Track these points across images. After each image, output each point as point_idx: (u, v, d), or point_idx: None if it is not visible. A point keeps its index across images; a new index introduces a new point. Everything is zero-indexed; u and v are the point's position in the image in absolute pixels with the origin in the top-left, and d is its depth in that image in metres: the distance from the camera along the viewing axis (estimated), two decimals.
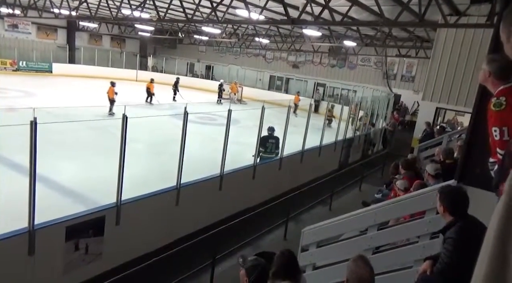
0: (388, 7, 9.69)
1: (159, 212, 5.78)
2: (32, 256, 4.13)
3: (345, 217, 4.04)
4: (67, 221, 4.41)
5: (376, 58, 21.38)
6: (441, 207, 2.49)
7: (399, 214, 3.79)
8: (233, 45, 26.47)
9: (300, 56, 24.93)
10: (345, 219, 4.02)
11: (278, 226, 7.10)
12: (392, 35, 16.56)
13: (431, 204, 3.32)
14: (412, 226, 3.42)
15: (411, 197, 3.67)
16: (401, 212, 3.74)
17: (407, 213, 3.76)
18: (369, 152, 13.92)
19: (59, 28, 26.12)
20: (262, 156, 8.03)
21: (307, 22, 11.06)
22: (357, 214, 3.97)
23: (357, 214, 3.99)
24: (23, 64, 23.26)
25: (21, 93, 16.12)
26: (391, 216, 3.88)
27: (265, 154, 8.05)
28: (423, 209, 3.47)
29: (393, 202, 3.83)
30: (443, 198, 2.48)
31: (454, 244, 2.30)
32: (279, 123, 8.71)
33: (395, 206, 3.70)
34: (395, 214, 3.81)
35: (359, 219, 3.91)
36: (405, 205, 3.60)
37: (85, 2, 14.78)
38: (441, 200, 2.49)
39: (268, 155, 8.06)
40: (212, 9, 11.31)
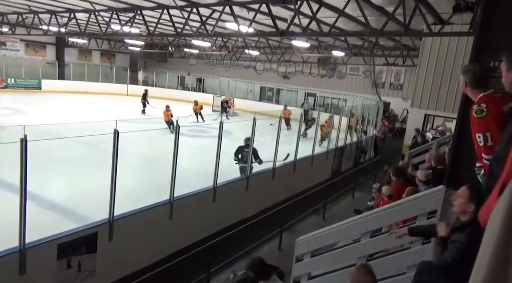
0: (374, 17, 9.90)
1: (152, 226, 5.73)
2: (23, 275, 4.06)
3: (338, 225, 4.06)
4: (58, 239, 4.36)
5: (365, 67, 21.72)
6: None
7: (391, 220, 3.83)
8: (224, 58, 26.68)
9: (290, 66, 25.21)
10: (339, 228, 4.04)
11: (273, 236, 7.08)
12: (379, 45, 16.87)
13: (423, 210, 3.38)
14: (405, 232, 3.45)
15: (403, 203, 3.72)
16: (393, 219, 3.78)
17: (399, 219, 3.80)
18: (361, 160, 14.03)
19: (48, 44, 26.07)
20: (239, 165, 8.19)
21: (296, 34, 11.26)
22: (350, 222, 4.00)
23: (350, 222, 4.02)
24: (12, 82, 23.08)
25: (10, 111, 15.96)
26: (384, 222, 3.91)
27: (240, 163, 8.17)
28: (414, 215, 3.52)
29: (385, 209, 3.87)
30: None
31: (461, 250, 2.17)
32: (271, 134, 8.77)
33: (387, 212, 3.74)
34: (387, 220, 3.85)
35: (352, 227, 3.94)
36: (397, 211, 3.64)
37: (74, 19, 14.85)
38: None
39: (243, 164, 8.17)
40: (201, 23, 11.44)
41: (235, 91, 26.18)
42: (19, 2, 13.71)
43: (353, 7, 8.80)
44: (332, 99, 23.16)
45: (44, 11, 14.97)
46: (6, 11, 16.24)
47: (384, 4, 9.07)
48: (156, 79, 29.74)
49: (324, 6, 9.17)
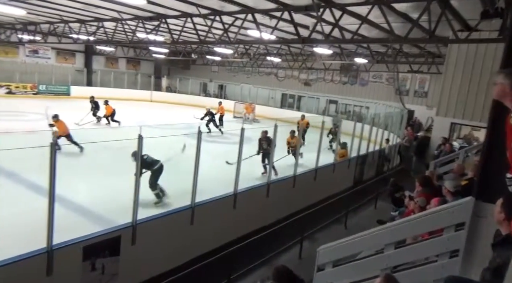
0: (398, 24, 9.77)
1: (174, 231, 5.80)
2: (50, 276, 4.18)
3: (361, 235, 3.98)
4: (84, 241, 4.47)
5: (388, 74, 21.37)
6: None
7: (416, 232, 3.72)
8: (245, 65, 26.89)
9: (312, 74, 25.12)
10: (361, 237, 3.96)
11: (293, 244, 7.02)
12: (403, 52, 16.58)
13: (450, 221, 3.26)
14: (431, 244, 3.35)
15: (429, 214, 3.61)
16: (419, 230, 3.67)
17: (425, 231, 3.68)
18: (384, 168, 13.75)
19: (77, 52, 27.08)
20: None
21: (318, 41, 11.22)
22: (373, 232, 3.91)
23: (373, 232, 3.93)
24: (43, 88, 24.07)
25: (41, 116, 16.58)
26: (409, 234, 3.80)
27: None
28: (441, 227, 3.40)
29: (411, 220, 3.76)
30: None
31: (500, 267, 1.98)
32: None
33: (412, 223, 3.64)
34: (412, 232, 3.73)
35: (375, 237, 3.85)
36: (422, 223, 3.53)
37: (102, 27, 15.39)
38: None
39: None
40: (224, 30, 11.61)
41: (257, 98, 26.30)
42: (52, 12, 14.32)
43: (376, 14, 8.72)
44: (354, 106, 22.89)
45: (74, 21, 15.58)
46: (39, 20, 17.01)
47: (409, 11, 8.93)
48: (179, 86, 30.29)
49: (346, 13, 9.12)
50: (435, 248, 3.25)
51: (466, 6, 8.40)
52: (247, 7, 10.11)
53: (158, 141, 6.94)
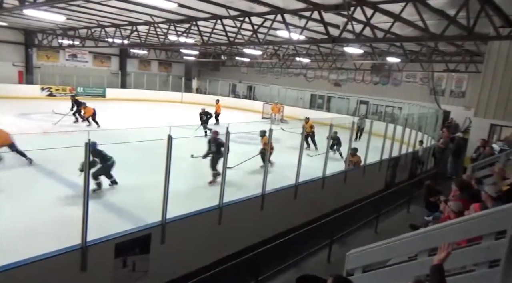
0: (434, 22, 9.39)
1: (202, 230, 5.86)
2: (84, 272, 4.34)
3: (392, 240, 3.84)
4: (116, 238, 4.61)
5: (422, 74, 20.61)
6: None
7: (453, 238, 3.53)
8: (274, 66, 26.87)
9: (342, 74, 24.70)
10: (393, 243, 3.82)
11: (322, 248, 6.89)
12: (439, 50, 15.93)
13: (490, 229, 3.08)
14: (468, 252, 3.17)
15: (468, 220, 3.42)
16: (455, 237, 3.49)
17: (462, 238, 3.50)
18: (417, 171, 13.27)
19: (113, 55, 28.16)
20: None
21: (348, 40, 11.01)
22: (406, 238, 3.77)
23: (406, 237, 3.78)
24: (81, 90, 25.20)
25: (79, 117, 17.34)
26: (444, 240, 3.62)
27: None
28: (480, 234, 3.22)
29: (447, 226, 3.58)
30: None
31: None
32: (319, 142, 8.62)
33: (448, 229, 3.46)
34: (448, 238, 3.55)
35: (408, 243, 3.70)
36: (459, 229, 3.35)
37: (136, 31, 15.89)
38: None
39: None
40: (253, 31, 11.64)
41: (285, 98, 26.20)
42: (89, 17, 14.97)
43: (410, 11, 8.43)
44: (386, 107, 22.28)
45: (110, 25, 16.20)
46: (78, 26, 17.84)
47: (445, 7, 8.56)
48: (209, 87, 30.74)
49: (379, 11, 8.87)
50: (473, 257, 3.07)
51: (508, 1, 7.93)
52: (277, 7, 10.08)
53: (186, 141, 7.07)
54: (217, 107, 18.49)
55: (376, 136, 10.68)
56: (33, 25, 20.04)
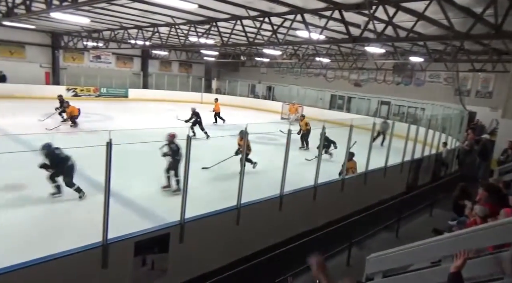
0: (459, 20, 9.09)
1: (220, 231, 5.87)
2: (105, 269, 4.42)
3: (414, 245, 3.73)
4: (136, 237, 4.67)
5: (446, 73, 20.03)
6: None
7: (479, 244, 3.39)
8: (294, 66, 26.74)
9: (363, 74, 24.33)
10: (415, 248, 3.71)
11: (341, 250, 6.79)
12: (464, 49, 15.41)
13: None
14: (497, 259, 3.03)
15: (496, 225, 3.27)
16: (482, 243, 3.35)
17: (489, 244, 3.35)
18: (441, 174, 12.89)
19: (135, 57, 28.76)
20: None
21: (370, 40, 10.82)
22: (428, 243, 3.65)
23: (428, 242, 3.66)
24: (104, 91, 25.90)
25: (101, 117, 17.82)
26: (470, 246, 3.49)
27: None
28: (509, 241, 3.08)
29: (473, 231, 3.45)
30: None
31: None
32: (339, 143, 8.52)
33: (475, 235, 3.33)
34: (474, 244, 3.42)
35: (431, 248, 3.59)
36: (487, 235, 3.21)
37: (157, 32, 16.16)
38: None
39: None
40: (273, 31, 11.61)
41: (305, 99, 26.04)
42: (112, 20, 15.33)
43: (434, 9, 8.19)
44: (409, 108, 21.78)
45: (133, 27, 16.54)
46: (101, 28, 18.30)
47: (471, 4, 8.26)
48: (229, 88, 30.91)
49: (401, 10, 8.67)
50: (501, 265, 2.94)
51: None
52: (297, 7, 10.01)
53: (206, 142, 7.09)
54: (216, 106, 18.31)
55: (398, 137, 10.44)
56: (59, 27, 20.69)
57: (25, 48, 23.30)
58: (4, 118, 14.67)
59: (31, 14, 11.20)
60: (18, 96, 21.19)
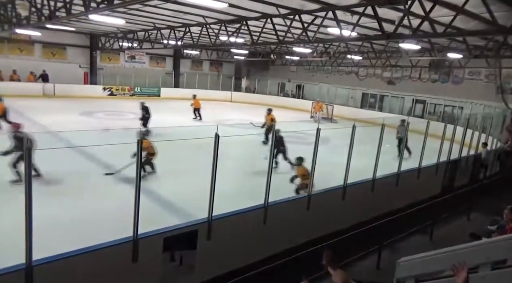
0: (502, 13, 8.56)
1: (247, 229, 5.88)
2: (135, 263, 4.54)
3: (449, 250, 3.54)
4: (165, 233, 4.77)
5: (488, 70, 18.97)
6: None
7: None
8: (324, 64, 26.35)
9: (396, 72, 23.55)
10: (450, 253, 3.53)
11: (371, 253, 6.61)
12: (508, 44, 14.53)
13: None
14: None
15: None
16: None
17: None
18: (480, 176, 12.25)
19: (167, 56, 29.48)
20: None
21: (404, 36, 10.41)
22: (465, 248, 3.46)
23: (465, 247, 3.47)
24: (138, 90, 26.72)
25: (135, 115, 18.37)
26: (510, 253, 3.27)
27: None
28: None
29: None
30: None
31: None
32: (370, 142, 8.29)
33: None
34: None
35: (467, 253, 3.39)
36: None
37: (189, 32, 16.44)
38: None
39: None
40: (303, 29, 11.47)
41: (335, 97, 25.59)
42: (146, 21, 15.78)
43: (475, 3, 7.75)
44: (445, 106, 20.86)
45: (165, 27, 16.94)
46: (136, 29, 18.89)
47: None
48: (258, 86, 30.95)
49: (439, 4, 8.29)
50: None
51: None
52: (328, 4, 9.82)
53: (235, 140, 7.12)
54: (195, 102, 18.17)
55: (433, 137, 10.02)
56: (97, 29, 21.57)
57: (66, 50, 24.51)
58: (46, 116, 15.49)
59: (71, 17, 11.74)
60: (59, 96, 22.33)
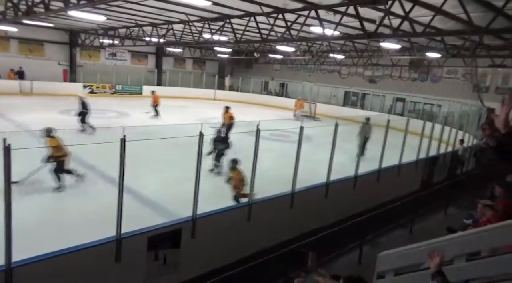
0: (478, 14, 8.85)
1: (231, 227, 5.91)
2: (118, 263, 4.51)
3: (427, 243, 3.67)
4: (149, 232, 4.75)
5: (465, 69, 19.55)
6: None
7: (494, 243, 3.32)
8: (307, 62, 26.56)
9: (378, 70, 23.97)
10: (428, 246, 3.65)
11: (353, 248, 6.75)
12: (484, 44, 15.00)
13: None
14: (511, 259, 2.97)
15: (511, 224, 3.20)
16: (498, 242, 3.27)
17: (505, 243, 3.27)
18: (457, 172, 12.64)
19: (149, 54, 29.06)
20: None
21: (385, 36, 10.61)
22: (442, 241, 3.59)
23: (442, 240, 3.60)
24: (119, 88, 26.27)
25: (116, 114, 18.10)
26: (484, 245, 3.41)
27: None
28: None
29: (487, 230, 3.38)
30: None
31: None
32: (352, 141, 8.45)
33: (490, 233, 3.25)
34: (488, 243, 3.35)
35: (444, 246, 3.52)
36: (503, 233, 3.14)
37: (172, 29, 16.28)
38: None
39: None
40: (286, 28, 11.54)
41: (318, 96, 25.84)
42: (128, 17, 15.52)
43: (452, 4, 7.99)
44: (424, 104, 21.38)
45: (147, 24, 16.71)
46: (117, 25, 18.56)
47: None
48: (242, 85, 30.93)
49: (418, 4, 8.49)
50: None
51: None
52: (311, 3, 9.92)
53: None
54: (153, 98, 18.05)
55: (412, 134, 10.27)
56: (77, 25, 21.07)
57: (44, 46, 23.86)
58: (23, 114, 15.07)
59: (50, 13, 11.43)
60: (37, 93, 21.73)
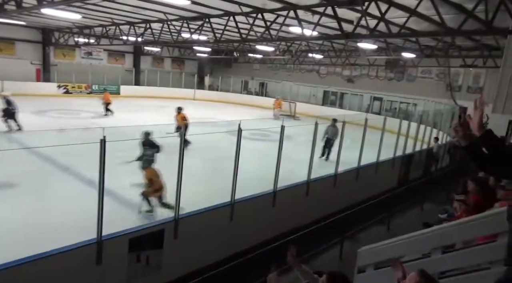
0: (451, 16, 9.18)
1: (214, 226, 5.91)
2: (99, 265, 4.43)
3: (405, 237, 3.79)
4: (130, 233, 4.69)
5: (438, 69, 20.21)
6: None
7: (467, 236, 3.47)
8: (287, 62, 26.77)
9: (355, 70, 24.43)
10: (405, 240, 3.78)
11: (333, 245, 6.88)
12: (456, 45, 15.57)
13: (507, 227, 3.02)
14: (483, 250, 3.11)
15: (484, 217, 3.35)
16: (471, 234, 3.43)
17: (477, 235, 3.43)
18: (432, 168, 13.06)
19: (127, 53, 28.48)
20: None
21: (362, 36, 10.86)
22: (419, 235, 3.72)
23: (419, 234, 3.73)
24: (96, 88, 25.63)
25: (93, 114, 17.68)
26: (458, 238, 3.57)
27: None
28: (495, 232, 3.16)
29: (461, 223, 3.53)
30: None
31: None
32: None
33: (463, 227, 3.41)
34: (463, 236, 3.50)
35: (421, 240, 3.65)
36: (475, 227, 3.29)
37: (149, 28, 16.05)
38: None
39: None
40: (266, 28, 11.61)
41: (298, 95, 26.08)
42: (104, 16, 15.18)
43: (426, 5, 8.25)
44: (401, 103, 21.96)
45: (124, 23, 16.40)
46: (93, 24, 18.11)
47: (463, 1, 8.36)
48: (222, 84, 30.84)
49: (394, 6, 8.73)
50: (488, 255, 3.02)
51: None
52: (290, 3, 10.02)
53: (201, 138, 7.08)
54: (105, 96, 17.93)
55: (389, 133, 10.55)
56: (50, 24, 20.43)
57: (15, 45, 22.99)
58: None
59: (22, 10, 11.05)
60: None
